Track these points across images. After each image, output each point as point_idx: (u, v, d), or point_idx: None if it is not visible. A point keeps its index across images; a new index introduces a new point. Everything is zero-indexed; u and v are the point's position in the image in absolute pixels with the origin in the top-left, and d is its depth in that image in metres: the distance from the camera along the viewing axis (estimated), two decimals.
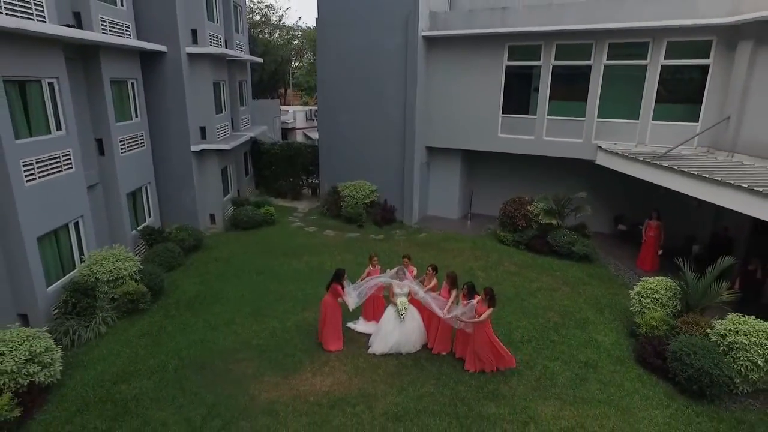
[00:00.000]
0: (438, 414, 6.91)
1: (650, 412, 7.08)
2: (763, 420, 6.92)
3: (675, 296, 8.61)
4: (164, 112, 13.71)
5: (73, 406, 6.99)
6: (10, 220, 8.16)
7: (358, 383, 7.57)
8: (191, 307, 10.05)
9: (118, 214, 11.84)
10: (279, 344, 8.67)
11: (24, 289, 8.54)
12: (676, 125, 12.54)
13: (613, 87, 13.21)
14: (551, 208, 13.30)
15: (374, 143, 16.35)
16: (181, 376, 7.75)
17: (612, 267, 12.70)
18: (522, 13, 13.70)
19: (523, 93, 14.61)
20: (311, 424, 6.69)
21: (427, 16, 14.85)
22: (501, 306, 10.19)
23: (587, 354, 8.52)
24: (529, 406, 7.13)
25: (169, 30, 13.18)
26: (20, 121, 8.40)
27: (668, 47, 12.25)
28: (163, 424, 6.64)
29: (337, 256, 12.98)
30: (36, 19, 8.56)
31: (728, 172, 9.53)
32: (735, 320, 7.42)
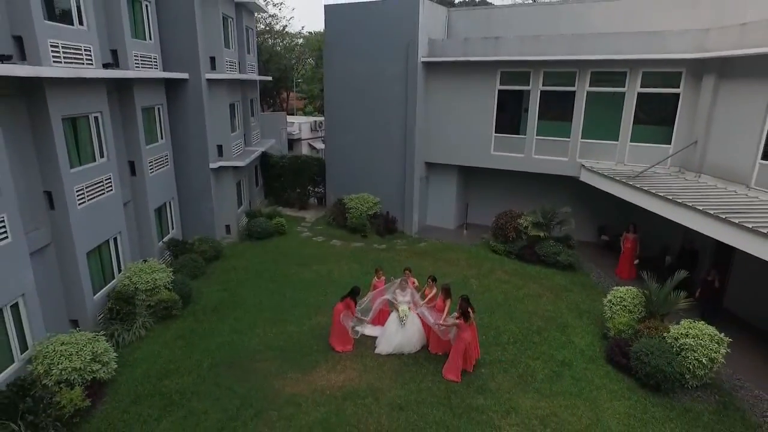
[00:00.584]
0: (435, 405, 8.22)
1: (614, 403, 8.39)
2: (707, 409, 8.23)
3: (640, 304, 9.93)
4: (186, 132, 15.00)
5: (127, 398, 8.29)
6: (65, 239, 9.46)
7: (366, 379, 8.87)
8: (217, 313, 11.36)
9: (148, 227, 13.14)
10: (297, 346, 9.98)
11: (75, 298, 9.84)
12: (651, 147, 13.86)
13: (595, 111, 14.53)
14: (539, 222, 14.61)
15: (377, 159, 17.65)
16: (214, 373, 9.05)
17: (593, 275, 14.02)
18: (513, 42, 15.01)
19: (515, 114, 15.92)
20: (328, 413, 7.99)
21: (426, 43, 16.16)
22: (491, 311, 11.56)
23: (564, 354, 9.83)
24: (511, 399, 8.43)
25: (190, 58, 14.47)
26: (72, 152, 9.68)
27: (643, 77, 13.58)
28: (205, 413, 7.94)
29: (344, 265, 14.29)
30: (85, 64, 9.86)
31: (691, 194, 10.86)
32: (686, 325, 8.74)
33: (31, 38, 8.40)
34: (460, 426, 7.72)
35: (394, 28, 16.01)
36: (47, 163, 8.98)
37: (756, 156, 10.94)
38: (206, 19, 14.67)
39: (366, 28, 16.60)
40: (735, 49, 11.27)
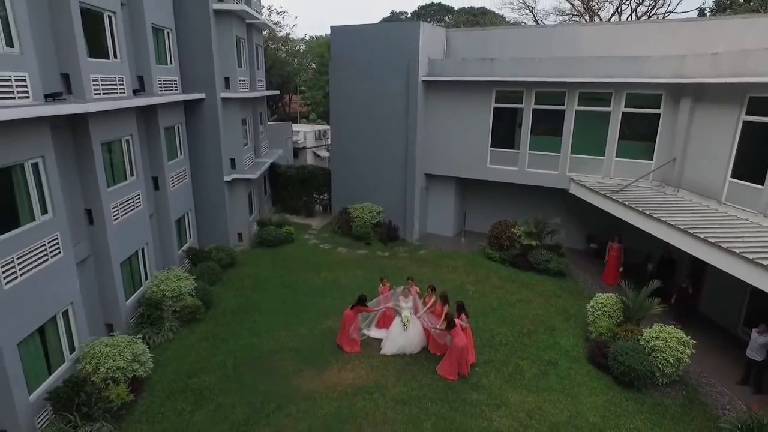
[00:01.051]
0: (434, 399, 9.31)
1: (593, 398, 9.49)
2: (674, 403, 9.33)
3: (618, 309, 11.02)
4: (202, 148, 16.08)
5: (162, 393, 9.38)
6: (103, 251, 10.54)
7: (373, 377, 9.97)
8: (235, 317, 12.45)
9: (169, 238, 14.23)
10: (310, 347, 11.07)
11: (111, 304, 10.93)
12: (634, 162, 14.95)
13: (583, 128, 15.61)
14: (531, 231, 15.71)
15: (380, 170, 18.74)
16: (238, 371, 10.15)
17: (581, 281, 15.12)
18: (507, 64, 16.10)
19: (509, 130, 16.99)
20: (340, 407, 9.08)
21: (426, 62, 17.24)
22: (486, 315, 12.66)
23: (551, 354, 10.92)
24: (502, 394, 9.53)
25: (207, 79, 15.56)
26: (108, 173, 10.77)
27: (627, 98, 14.67)
28: (232, 407, 9.04)
29: (350, 272, 15.38)
30: (119, 93, 10.96)
31: (667, 208, 11.97)
32: (657, 329, 9.84)
33: (77, 75, 9.50)
34: (455, 418, 8.82)
35: (396, 49, 17.09)
36: (89, 184, 10.07)
37: (726, 174, 12.04)
38: (221, 42, 15.75)
39: (370, 48, 17.68)
40: (707, 77, 12.37)
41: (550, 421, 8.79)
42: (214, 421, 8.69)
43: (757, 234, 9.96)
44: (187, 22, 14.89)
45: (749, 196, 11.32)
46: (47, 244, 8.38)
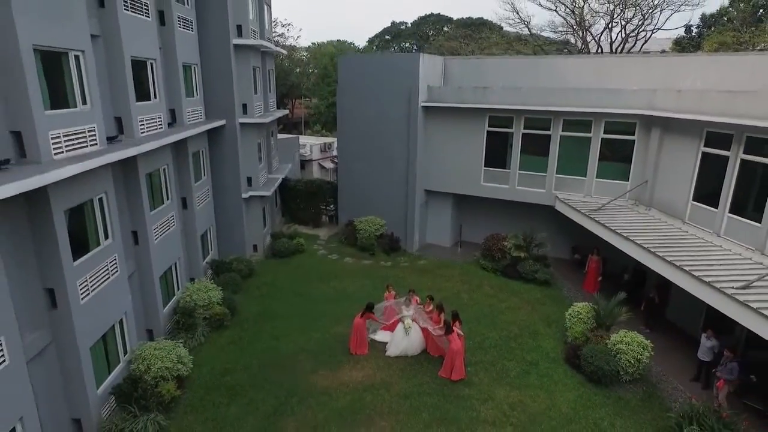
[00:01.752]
0: (431, 394, 10.98)
1: (567, 393, 11.16)
2: (635, 397, 11.01)
3: (591, 316, 12.69)
4: (222, 169, 17.74)
5: (201, 390, 11.05)
6: (146, 267, 12.21)
7: (380, 375, 11.64)
8: (257, 323, 14.12)
9: (195, 251, 15.88)
10: (324, 349, 12.74)
11: (151, 313, 12.60)
12: (612, 183, 16.63)
13: (567, 151, 17.29)
14: (520, 244, 17.39)
15: (383, 186, 20.41)
16: (263, 371, 11.81)
17: (565, 290, 16.80)
18: (498, 92, 17.78)
19: (501, 151, 18.64)
20: (352, 401, 10.75)
21: (425, 90, 18.93)
22: (478, 321, 14.33)
23: (533, 356, 12.59)
24: (489, 390, 11.20)
25: (227, 107, 17.22)
26: (150, 199, 12.44)
27: (606, 125, 16.35)
28: (261, 400, 10.71)
29: (357, 281, 17.05)
30: (158, 129, 12.63)
31: (636, 227, 13.65)
32: (622, 334, 11.52)
33: (128, 118, 11.19)
34: (449, 409, 10.49)
35: (398, 78, 18.75)
36: (135, 210, 11.73)
37: (688, 197, 13.73)
38: (240, 73, 17.39)
39: (374, 77, 19.35)
40: (672, 111, 14.05)
41: (529, 413, 10.47)
42: (247, 412, 10.36)
43: (708, 253, 11.65)
44: (210, 56, 16.55)
45: (707, 217, 13.00)
46: (109, 265, 10.05)
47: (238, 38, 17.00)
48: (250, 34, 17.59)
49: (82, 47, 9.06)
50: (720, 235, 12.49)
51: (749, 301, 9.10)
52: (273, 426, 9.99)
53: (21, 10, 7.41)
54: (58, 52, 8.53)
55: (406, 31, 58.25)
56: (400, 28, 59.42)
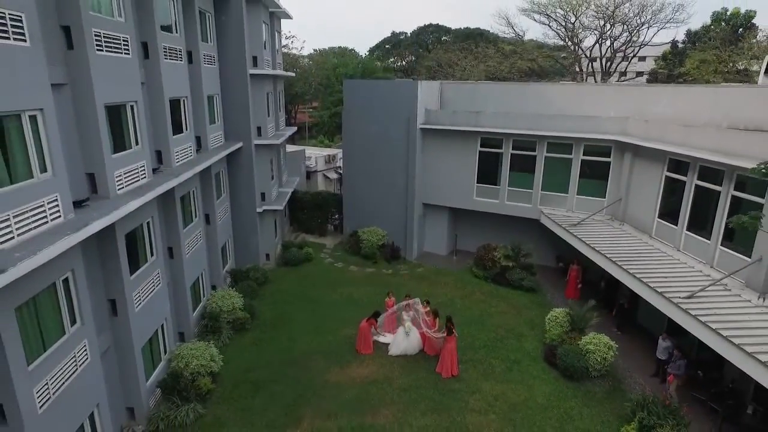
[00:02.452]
0: (427, 387, 12.82)
1: (543, 387, 12.99)
2: (602, 390, 12.84)
3: (567, 320, 14.53)
4: (239, 187, 19.56)
5: (230, 384, 12.88)
6: (179, 278, 14.05)
7: (383, 372, 13.48)
8: (274, 326, 15.95)
9: (216, 261, 17.72)
10: (334, 350, 14.58)
11: (183, 317, 14.43)
12: (591, 199, 18.48)
13: (551, 170, 19.12)
14: (509, 254, 19.24)
15: (384, 200, 22.24)
16: (282, 368, 13.64)
17: (549, 295, 18.64)
18: (489, 117, 19.64)
19: (492, 169, 20.47)
20: (359, 393, 12.58)
21: (423, 113, 20.77)
22: (469, 324, 16.15)
23: (516, 355, 14.44)
24: (477, 384, 13.03)
25: (243, 130, 19.04)
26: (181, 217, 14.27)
27: (585, 148, 18.20)
28: (282, 393, 12.54)
29: (362, 288, 18.89)
30: (189, 157, 14.48)
31: (609, 240, 15.50)
32: (591, 336, 13.37)
33: (167, 151, 13.03)
34: (443, 400, 12.34)
35: (399, 102, 20.59)
36: (171, 228, 13.57)
37: (654, 215, 15.59)
38: (255, 99, 19.24)
39: (377, 100, 21.19)
40: (641, 139, 15.91)
41: (510, 403, 12.31)
42: (270, 402, 12.20)
43: (666, 265, 13.51)
44: (229, 86, 18.37)
45: (669, 233, 14.86)
46: (154, 277, 11.90)
47: (254, 68, 18.85)
48: (264, 63, 19.45)
49: (136, 98, 10.91)
50: (679, 250, 14.35)
51: (691, 309, 10.97)
52: (292, 414, 11.83)
53: (99, 77, 9.27)
54: (120, 104, 10.39)
55: (405, 41, 60.08)
56: (400, 38, 61.28)
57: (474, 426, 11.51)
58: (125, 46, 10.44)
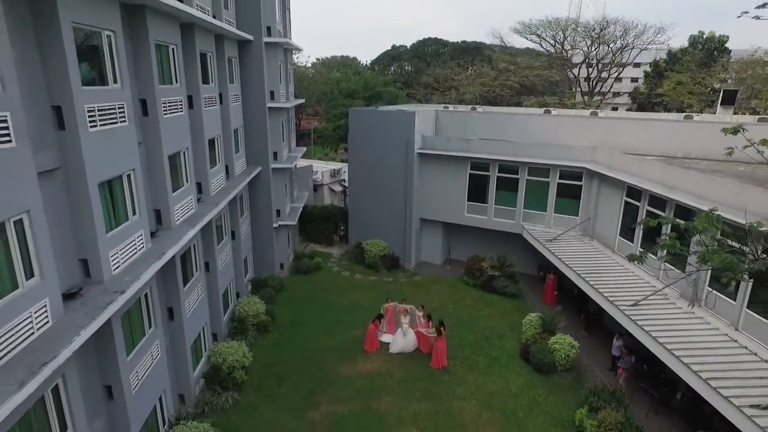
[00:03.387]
0: (422, 379, 15.51)
1: (517, 379, 15.68)
2: (566, 381, 15.52)
3: (539, 323, 17.21)
4: (258, 205, 22.24)
5: (258, 376, 15.57)
6: (213, 288, 16.73)
7: (385, 366, 16.17)
8: (292, 328, 18.65)
9: (240, 272, 20.41)
10: (344, 348, 17.26)
11: (216, 320, 17.10)
12: (566, 217, 21.18)
13: (532, 191, 21.82)
14: (495, 264, 21.93)
15: (386, 215, 24.91)
16: (300, 363, 16.33)
17: (529, 301, 21.33)
18: (477, 144, 22.34)
19: (480, 189, 23.16)
20: (366, 383, 15.27)
21: (420, 139, 23.47)
22: (459, 326, 18.83)
23: (497, 352, 17.12)
24: (463, 376, 15.72)
25: (261, 155, 21.71)
26: (214, 236, 16.93)
27: (560, 173, 20.90)
28: (302, 384, 15.24)
29: (366, 294, 21.58)
30: (221, 185, 17.17)
31: (578, 255, 18.18)
32: (558, 336, 16.06)
33: (205, 183, 15.72)
34: (434, 390, 15.03)
35: (398, 129, 23.29)
36: (207, 246, 16.25)
37: (616, 232, 18.28)
38: (272, 127, 21.92)
39: (379, 127, 23.89)
40: (605, 168, 18.60)
41: (489, 391, 15.00)
42: (292, 391, 14.90)
43: (621, 277, 16.21)
44: (250, 118, 21.06)
45: (627, 249, 17.55)
46: (199, 289, 14.60)
47: (272, 102, 21.54)
48: (280, 96, 22.16)
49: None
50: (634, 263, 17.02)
51: (632, 315, 13.67)
52: (311, 400, 14.53)
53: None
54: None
55: (405, 54, 62.78)
56: (400, 51, 63.99)
57: (458, 410, 14.22)
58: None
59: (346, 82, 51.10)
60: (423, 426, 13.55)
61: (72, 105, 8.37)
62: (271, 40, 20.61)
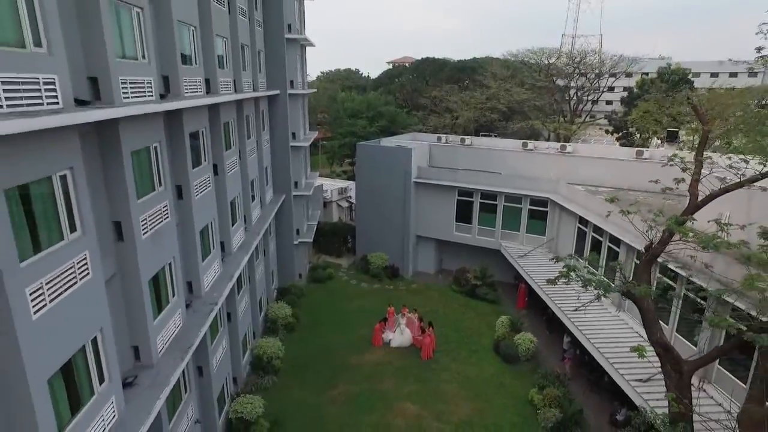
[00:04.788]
0: (415, 367, 20.12)
1: (489, 367, 20.28)
2: (527, 368, 20.11)
3: (509, 323, 21.81)
4: (281, 227, 26.87)
5: (289, 365, 20.17)
6: (254, 296, 21.34)
7: (386, 357, 20.79)
8: (312, 328, 23.28)
9: (269, 282, 25.04)
10: (354, 343, 21.88)
11: (255, 320, 21.73)
12: (535, 236, 25.78)
13: (508, 214, 26.43)
14: (477, 275, 26.56)
15: (387, 232, 29.52)
16: (321, 355, 20.95)
17: (505, 305, 25.93)
18: (463, 175, 26.99)
19: (466, 212, 27.77)
20: (372, 370, 19.87)
21: (416, 169, 28.09)
22: (447, 326, 23.44)
23: (476, 347, 21.72)
24: (447, 365, 20.34)
25: (284, 184, 26.34)
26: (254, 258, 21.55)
27: (530, 200, 25.52)
28: (323, 370, 19.85)
29: (371, 300, 26.20)
30: (257, 217, 21.83)
31: (541, 268, 22.75)
32: (522, 334, 20.67)
33: (250, 218, 20.38)
34: (424, 375, 19.65)
35: (398, 162, 27.90)
36: (250, 264, 20.86)
37: (572, 249, 22.88)
38: (294, 161, 26.55)
39: (381, 159, 28.53)
40: (563, 200, 23.20)
41: (467, 376, 19.62)
42: (315, 376, 19.51)
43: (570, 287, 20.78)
44: (277, 156, 25.69)
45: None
46: (246, 300, 19.24)
47: (294, 141, 26.18)
48: (301, 135, 26.80)
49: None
50: None
51: (572, 318, 18.26)
52: (330, 383, 19.10)
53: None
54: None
55: (406, 73, 67.37)
56: (401, 70, 68.56)
57: (443, 390, 18.84)
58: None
59: (351, 102, 55.65)
60: (415, 401, 18.17)
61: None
62: (294, 91, 25.27)
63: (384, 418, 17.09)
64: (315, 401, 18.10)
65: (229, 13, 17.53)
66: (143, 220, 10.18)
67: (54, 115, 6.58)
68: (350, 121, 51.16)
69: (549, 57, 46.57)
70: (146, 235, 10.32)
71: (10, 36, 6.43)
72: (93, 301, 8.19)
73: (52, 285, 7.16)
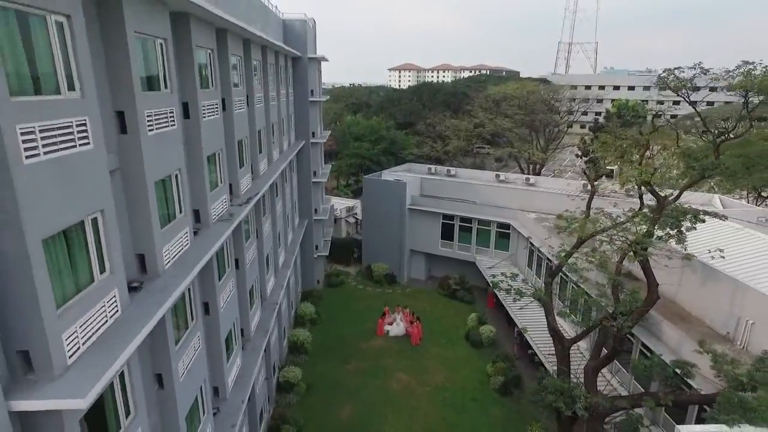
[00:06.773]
0: (407, 350, 27.66)
1: (462, 350, 27.82)
2: (490, 351, 27.63)
3: (477, 318, 29.31)
4: (304, 243, 34.39)
5: (315, 348, 27.67)
6: (285, 299, 28.92)
7: (387, 343, 28.35)
8: (331, 321, 30.82)
9: (296, 286, 32.56)
10: (362, 333, 29.42)
11: (290, 315, 29.28)
12: (502, 252, 33.34)
13: (481, 234, 33.97)
14: (457, 282, 34.12)
15: (387, 246, 37.02)
16: (338, 341, 28.50)
17: (478, 305, 33.46)
18: (446, 203, 34.57)
19: (449, 232, 35.30)
20: (376, 352, 27.42)
21: (410, 198, 35.66)
22: (432, 321, 31.02)
23: (452, 336, 29.25)
24: (430, 349, 27.86)
25: (308, 211, 33.86)
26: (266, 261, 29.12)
27: (497, 224, 33.07)
28: (340, 352, 27.41)
29: (374, 301, 33.73)
30: (289, 240, 29.47)
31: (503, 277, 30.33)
32: (484, 326, 28.21)
33: (285, 238, 27.96)
34: (414, 356, 27.21)
35: (395, 193, 35.42)
36: (279, 278, 28.45)
37: (526, 264, 30.43)
38: (314, 193, 34.08)
39: (383, 190, 36.09)
40: (518, 226, 30.74)
41: (444, 357, 27.16)
42: (335, 356, 27.05)
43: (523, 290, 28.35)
44: (301, 187, 33.22)
45: (531, 275, 29.69)
46: (282, 301, 26.83)
47: (314, 177, 33.76)
48: (319, 174, 34.39)
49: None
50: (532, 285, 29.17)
51: (516, 314, 25.80)
52: (346, 361, 26.64)
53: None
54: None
55: (405, 98, 74.97)
56: (400, 94, 76.16)
57: (426, 365, 26.38)
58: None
59: (356, 126, 63.29)
60: (407, 372, 25.72)
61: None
62: (315, 140, 32.89)
63: (385, 384, 24.70)
64: (336, 372, 25.69)
65: (278, 102, 25.11)
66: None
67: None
68: (356, 144, 58.78)
69: (528, 95, 54.03)
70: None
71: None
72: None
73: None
